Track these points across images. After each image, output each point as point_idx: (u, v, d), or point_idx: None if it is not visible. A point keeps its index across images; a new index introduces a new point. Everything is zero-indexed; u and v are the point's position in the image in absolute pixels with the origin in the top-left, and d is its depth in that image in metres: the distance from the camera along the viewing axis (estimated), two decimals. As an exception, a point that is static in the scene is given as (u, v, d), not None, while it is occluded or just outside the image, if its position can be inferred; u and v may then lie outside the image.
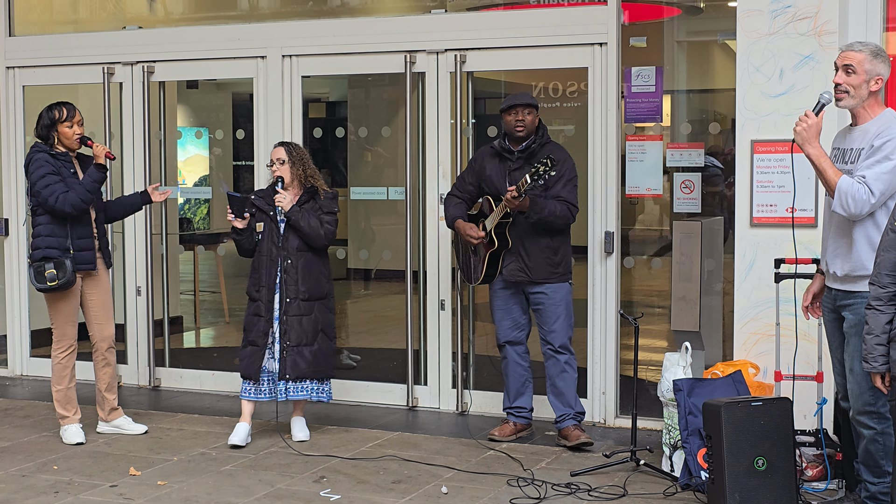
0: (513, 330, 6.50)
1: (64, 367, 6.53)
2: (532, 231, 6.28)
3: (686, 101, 7.51)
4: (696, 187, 6.81)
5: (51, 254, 6.33)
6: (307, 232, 6.39)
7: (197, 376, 8.05)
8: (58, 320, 6.49)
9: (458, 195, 6.59)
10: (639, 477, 5.79)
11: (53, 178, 6.33)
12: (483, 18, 7.43)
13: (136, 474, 5.90)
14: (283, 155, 6.49)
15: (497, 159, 6.43)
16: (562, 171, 6.25)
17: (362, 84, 9.31)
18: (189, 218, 11.77)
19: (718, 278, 6.87)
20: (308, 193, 6.49)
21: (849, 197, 4.67)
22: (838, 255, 4.87)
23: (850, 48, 4.87)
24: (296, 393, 6.44)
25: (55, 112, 6.43)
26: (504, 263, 6.37)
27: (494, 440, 6.48)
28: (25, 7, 8.65)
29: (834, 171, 4.74)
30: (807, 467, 5.52)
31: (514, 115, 6.35)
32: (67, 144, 6.45)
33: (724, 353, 6.82)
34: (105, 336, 6.62)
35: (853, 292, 4.84)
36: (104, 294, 6.62)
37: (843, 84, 4.82)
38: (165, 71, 8.05)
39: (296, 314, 6.41)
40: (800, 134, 4.77)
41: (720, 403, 5.13)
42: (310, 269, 6.46)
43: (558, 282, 6.37)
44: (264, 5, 8.73)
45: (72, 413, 6.57)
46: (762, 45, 6.10)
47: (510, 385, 6.57)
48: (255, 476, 5.86)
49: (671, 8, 7.36)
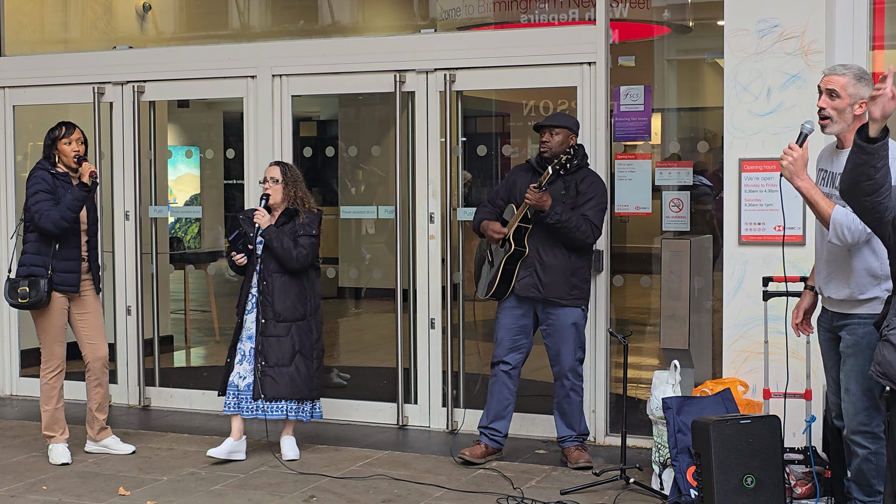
0: (510, 351, 6.45)
1: (52, 388, 6.51)
2: (550, 245, 6.25)
3: (675, 119, 7.54)
4: (685, 205, 6.83)
5: (35, 272, 6.35)
6: (279, 253, 6.41)
7: (187, 395, 8.04)
8: (45, 340, 6.48)
9: (489, 208, 6.60)
10: (628, 495, 5.79)
11: (44, 195, 6.35)
12: (472, 38, 7.46)
13: (126, 494, 5.88)
14: (277, 174, 6.51)
15: (531, 174, 6.43)
16: (593, 194, 6.27)
17: (353, 103, 9.33)
18: (179, 237, 11.76)
19: (707, 296, 6.88)
20: (286, 215, 6.50)
21: (844, 228, 4.58)
22: (832, 281, 4.81)
23: (833, 72, 4.75)
24: (271, 412, 6.45)
25: (56, 130, 6.47)
26: (518, 278, 6.34)
27: (465, 460, 6.42)
28: (16, 27, 8.66)
29: (826, 203, 4.62)
30: (796, 485, 5.52)
31: (541, 135, 6.37)
32: (66, 163, 6.46)
33: (713, 371, 6.83)
34: (98, 356, 6.61)
35: (850, 314, 4.79)
36: (95, 315, 6.61)
37: (827, 108, 4.70)
38: (156, 90, 8.06)
39: (272, 335, 6.43)
40: (787, 168, 4.62)
41: (709, 421, 5.14)
42: (286, 291, 6.46)
43: (570, 305, 6.30)
44: (254, 25, 8.75)
45: (59, 433, 6.55)
46: (749, 64, 6.13)
47: (492, 405, 6.51)
48: (244, 495, 5.85)
49: (660, 27, 7.40)
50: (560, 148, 6.32)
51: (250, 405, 6.45)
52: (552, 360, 6.40)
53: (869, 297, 4.71)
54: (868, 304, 4.72)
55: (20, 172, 8.57)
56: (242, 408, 6.47)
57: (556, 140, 6.33)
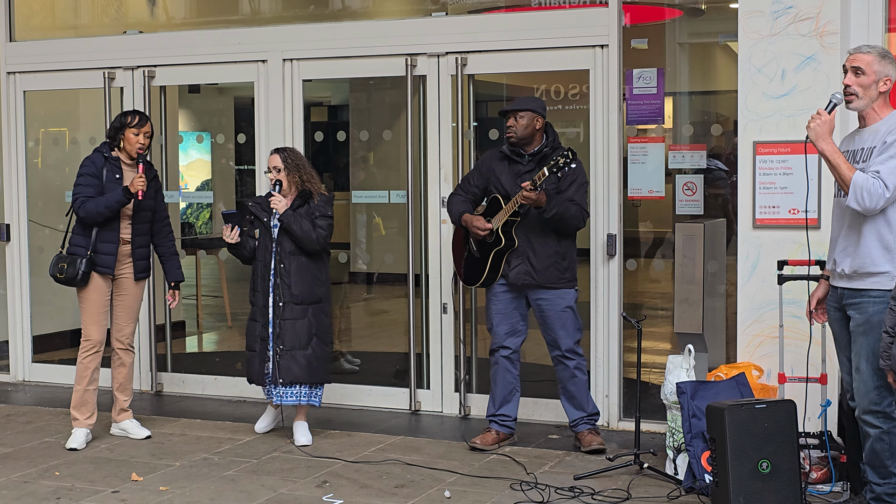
0: (509, 336, 6.42)
1: (85, 368, 6.52)
2: (540, 233, 6.23)
3: (688, 102, 7.49)
4: (698, 189, 6.79)
5: (76, 251, 6.45)
6: (299, 235, 6.39)
7: (199, 381, 8.04)
8: (83, 319, 6.54)
9: (462, 196, 6.55)
10: (642, 480, 5.77)
11: (88, 179, 6.44)
12: (484, 21, 7.42)
13: (139, 480, 5.89)
14: (278, 163, 6.49)
15: (506, 162, 6.38)
16: (574, 175, 6.23)
17: (364, 87, 9.30)
18: (191, 222, 11.76)
19: (721, 280, 6.85)
20: (302, 198, 6.48)
21: (864, 191, 4.73)
22: (848, 254, 4.91)
23: (859, 50, 4.95)
24: (286, 398, 6.44)
25: (128, 117, 6.51)
26: (510, 266, 6.32)
27: (476, 449, 6.42)
28: (27, 12, 8.65)
29: (848, 167, 4.80)
30: (811, 470, 5.50)
31: (506, 119, 6.32)
32: (129, 151, 6.49)
33: (727, 356, 6.80)
34: (121, 335, 6.62)
35: (860, 290, 4.87)
36: (130, 297, 6.63)
37: (853, 86, 4.90)
38: (166, 75, 8.04)
39: (289, 318, 6.41)
40: (813, 130, 4.84)
41: (724, 406, 5.11)
42: (303, 274, 6.45)
43: (564, 287, 6.31)
44: (265, 9, 8.72)
45: (83, 416, 6.55)
46: (764, 46, 6.09)
47: (497, 392, 6.49)
48: (257, 481, 5.85)
49: (672, 10, 7.35)
50: (525, 132, 6.28)
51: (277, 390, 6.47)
52: (550, 345, 6.38)
53: (880, 270, 4.82)
54: (878, 277, 4.82)
55: (32, 158, 8.58)
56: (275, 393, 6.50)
57: (520, 123, 6.28)
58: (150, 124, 6.56)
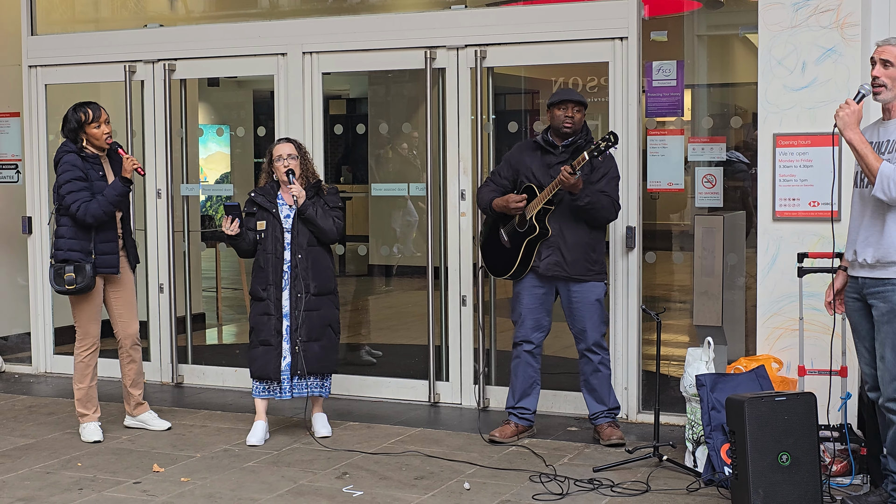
0: (534, 331, 6.43)
1: (86, 366, 6.55)
2: (573, 223, 6.22)
3: (707, 95, 7.47)
4: (717, 181, 6.79)
5: (72, 256, 6.34)
6: (322, 226, 6.37)
7: (219, 373, 8.08)
8: (80, 319, 6.51)
9: (492, 186, 6.53)
10: (662, 472, 5.77)
11: (79, 184, 6.31)
12: (503, 14, 7.41)
13: (160, 471, 5.92)
14: (292, 150, 6.45)
15: (539, 152, 6.38)
16: (606, 168, 6.24)
17: (383, 80, 9.31)
18: (211, 215, 11.78)
19: (741, 273, 6.84)
20: (313, 188, 6.48)
21: (891, 181, 4.76)
22: (870, 244, 4.92)
23: (888, 42, 4.97)
24: (299, 391, 6.44)
25: (80, 114, 6.37)
26: (541, 258, 6.30)
27: (495, 441, 6.42)
28: (47, 7, 8.69)
29: (875, 157, 4.82)
30: (831, 462, 5.50)
31: (564, 110, 6.28)
32: (97, 145, 6.43)
33: (746, 348, 6.79)
34: (129, 333, 6.65)
35: (883, 280, 4.88)
36: (128, 292, 6.64)
37: (882, 77, 4.92)
38: (187, 69, 8.07)
39: (307, 309, 6.39)
40: (842, 119, 4.86)
41: (744, 398, 5.11)
42: (318, 265, 6.44)
43: (594, 280, 6.30)
44: (284, 3, 8.73)
45: (91, 411, 6.59)
46: (784, 38, 6.07)
47: (517, 384, 6.49)
48: (277, 472, 5.87)
49: (692, 2, 7.33)
50: (580, 124, 6.32)
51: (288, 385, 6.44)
52: (577, 337, 6.37)
53: None
54: None
55: (53, 152, 8.60)
56: (279, 389, 6.41)
57: (578, 117, 6.30)
58: (103, 109, 6.41)
